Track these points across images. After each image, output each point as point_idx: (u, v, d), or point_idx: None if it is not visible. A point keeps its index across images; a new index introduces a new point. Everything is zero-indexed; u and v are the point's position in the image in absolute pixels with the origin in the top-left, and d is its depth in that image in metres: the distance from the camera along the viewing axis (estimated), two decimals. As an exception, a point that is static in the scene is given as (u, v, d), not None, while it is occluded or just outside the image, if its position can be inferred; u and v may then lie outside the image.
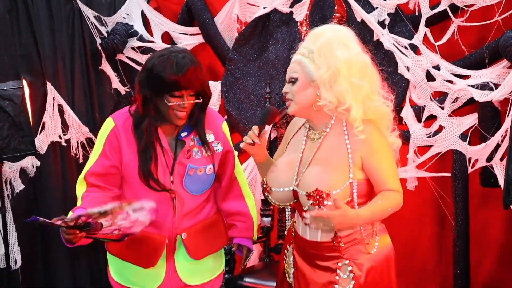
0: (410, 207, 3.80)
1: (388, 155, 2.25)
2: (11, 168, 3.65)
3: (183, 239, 2.53)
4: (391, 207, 2.20)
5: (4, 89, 3.28)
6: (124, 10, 4.28)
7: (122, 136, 2.44)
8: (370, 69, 2.25)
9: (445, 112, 3.50)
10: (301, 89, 2.25)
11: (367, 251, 2.25)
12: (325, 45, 2.20)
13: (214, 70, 4.42)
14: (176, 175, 2.47)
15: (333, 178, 2.18)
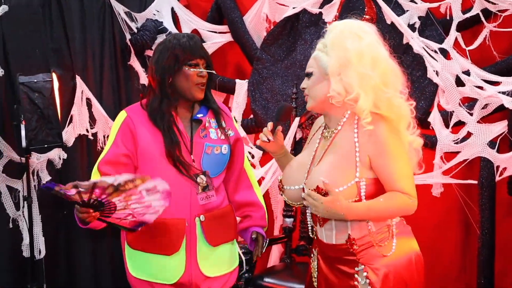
0: (435, 213, 3.79)
1: (399, 154, 2.15)
2: (38, 159, 3.70)
3: (202, 221, 2.56)
4: (394, 208, 2.14)
5: (34, 81, 3.33)
6: (155, 7, 4.30)
7: (135, 124, 2.51)
8: (384, 62, 2.17)
9: (474, 119, 3.45)
10: (316, 83, 2.24)
11: (382, 254, 2.16)
12: (336, 36, 2.19)
13: (242, 69, 4.43)
14: (195, 155, 2.54)
15: (336, 176, 2.13)
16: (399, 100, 2.18)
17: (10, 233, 3.71)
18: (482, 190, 3.46)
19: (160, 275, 2.56)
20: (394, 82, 2.19)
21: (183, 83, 2.51)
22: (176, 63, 2.50)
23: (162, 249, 2.54)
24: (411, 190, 2.15)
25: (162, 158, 2.49)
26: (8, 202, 3.67)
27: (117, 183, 2.07)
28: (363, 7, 3.86)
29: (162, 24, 4.26)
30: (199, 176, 2.53)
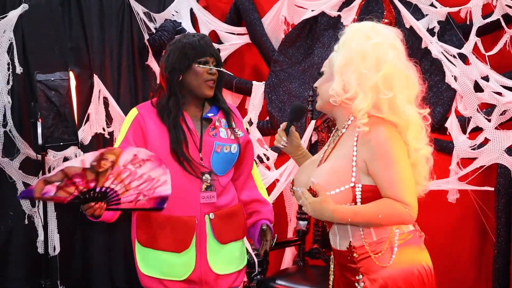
0: (450, 220, 3.75)
1: (397, 160, 2.03)
2: (55, 157, 3.74)
3: (211, 219, 2.57)
4: (384, 216, 2.02)
5: (51, 79, 3.36)
6: (174, 7, 4.32)
7: (146, 121, 2.54)
8: (390, 64, 2.07)
9: (492, 125, 3.41)
10: (324, 82, 2.20)
11: (380, 264, 2.06)
12: (347, 36, 2.14)
13: (259, 71, 4.43)
14: (204, 153, 2.55)
15: (332, 179, 2.07)
16: (407, 106, 2.09)
17: (25, 230, 3.74)
18: (499, 197, 3.42)
19: (170, 272, 2.58)
20: (401, 86, 2.08)
21: (192, 81, 2.55)
22: (186, 61, 2.53)
23: (172, 247, 2.55)
24: (407, 198, 2.03)
25: (169, 155, 2.51)
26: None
27: (89, 165, 1.98)
28: (382, 11, 3.85)
29: (180, 24, 4.28)
30: (205, 174, 2.55)
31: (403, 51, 2.15)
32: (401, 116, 2.07)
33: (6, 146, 3.63)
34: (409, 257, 2.10)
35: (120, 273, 4.10)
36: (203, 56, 2.54)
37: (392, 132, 2.07)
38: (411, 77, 2.13)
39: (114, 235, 4.07)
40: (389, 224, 2.08)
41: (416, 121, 2.11)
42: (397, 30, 2.19)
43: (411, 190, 2.05)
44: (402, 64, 2.11)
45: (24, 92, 3.72)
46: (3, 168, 3.63)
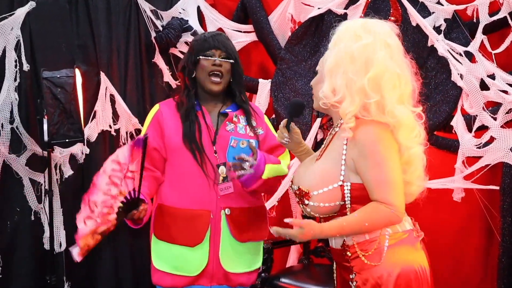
0: (456, 219, 3.74)
1: (384, 160, 2.01)
2: (61, 153, 3.75)
3: (227, 215, 2.61)
4: (370, 222, 2.01)
5: (57, 76, 3.38)
6: (181, 5, 4.32)
7: (164, 116, 2.66)
8: (380, 65, 2.03)
9: (498, 123, 3.40)
10: (317, 82, 2.20)
11: (370, 263, 2.05)
12: (337, 36, 2.11)
13: (266, 69, 4.43)
14: (219, 146, 2.62)
15: (319, 178, 2.07)
16: (397, 107, 2.04)
17: (32, 226, 3.77)
18: (504, 196, 3.41)
19: (182, 267, 2.62)
20: (391, 86, 2.04)
21: (200, 75, 2.67)
22: (192, 56, 2.66)
23: (186, 240, 2.60)
24: (393, 198, 2.00)
25: (182, 145, 2.60)
26: (31, 194, 3.73)
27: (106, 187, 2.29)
28: (388, 8, 3.84)
29: (187, 22, 4.28)
30: (220, 166, 2.60)
31: (398, 46, 2.11)
32: (388, 117, 2.04)
33: (13, 143, 3.65)
34: (403, 257, 2.07)
35: (126, 269, 4.11)
36: (208, 49, 2.64)
37: (381, 131, 2.04)
38: (404, 76, 2.08)
39: (120, 232, 4.08)
40: (378, 228, 2.06)
41: (408, 120, 2.07)
42: (392, 24, 2.15)
43: (398, 191, 2.03)
44: (394, 63, 2.07)
45: (31, 89, 3.73)
46: (10, 165, 3.65)
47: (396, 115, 2.03)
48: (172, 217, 2.61)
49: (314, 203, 2.07)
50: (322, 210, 2.09)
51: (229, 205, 2.63)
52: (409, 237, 2.12)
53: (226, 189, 2.62)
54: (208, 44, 2.65)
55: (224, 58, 2.65)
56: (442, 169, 3.52)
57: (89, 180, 3.88)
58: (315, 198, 2.07)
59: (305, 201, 2.09)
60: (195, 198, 2.59)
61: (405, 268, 2.05)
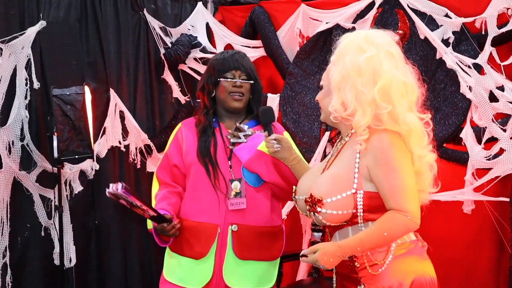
0: (467, 231, 3.71)
1: (399, 167, 2.03)
2: (71, 170, 3.78)
3: (233, 231, 2.61)
4: (389, 232, 2.02)
5: (67, 94, 3.42)
6: (189, 22, 4.37)
7: (184, 134, 2.72)
8: (387, 75, 2.06)
9: (507, 135, 3.39)
10: (324, 95, 2.22)
11: (373, 271, 2.05)
12: (340, 50, 2.13)
13: (275, 84, 4.45)
14: (234, 162, 2.64)
15: (332, 186, 2.07)
16: (408, 115, 2.08)
17: (42, 241, 3.79)
18: (514, 208, 3.38)
19: (187, 280, 2.63)
20: (400, 95, 2.07)
21: (221, 95, 2.70)
22: (213, 77, 2.70)
23: (192, 252, 2.62)
24: (408, 205, 2.02)
25: (198, 161, 2.64)
26: (41, 210, 3.75)
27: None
28: (396, 22, 3.85)
29: (196, 39, 4.32)
30: (234, 181, 2.62)
31: (400, 55, 2.14)
32: (401, 125, 2.06)
33: (24, 160, 3.68)
34: (413, 267, 2.08)
35: (137, 284, 4.12)
36: (228, 71, 2.68)
37: (395, 139, 2.06)
38: (410, 83, 2.11)
39: (130, 246, 4.10)
40: (397, 237, 2.06)
41: (418, 128, 2.10)
42: (391, 33, 2.17)
43: (413, 197, 2.04)
44: (399, 72, 2.09)
45: (42, 106, 3.77)
46: (21, 181, 3.68)
47: (408, 123, 2.06)
48: (184, 229, 2.63)
49: (327, 210, 2.06)
50: (334, 218, 2.08)
51: (238, 221, 2.62)
52: (416, 247, 2.13)
53: (238, 204, 2.62)
54: (229, 65, 2.68)
55: (244, 79, 2.69)
56: (452, 182, 3.51)
57: (99, 196, 3.97)
58: (328, 205, 2.06)
59: (318, 209, 2.08)
60: (204, 211, 2.61)
61: (417, 278, 2.06)
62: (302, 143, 4.02)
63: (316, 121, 4.04)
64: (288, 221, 4.04)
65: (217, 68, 2.69)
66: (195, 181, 2.65)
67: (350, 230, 2.11)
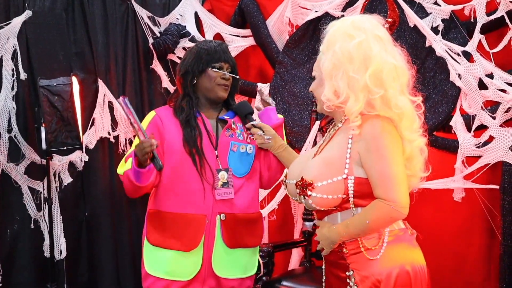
0: (457, 219, 3.72)
1: (390, 156, 2.03)
2: (60, 161, 3.76)
3: (222, 220, 2.61)
4: (371, 220, 2.04)
5: (54, 85, 3.40)
6: (178, 11, 4.34)
7: (163, 121, 2.66)
8: (378, 59, 2.05)
9: (497, 122, 3.39)
10: (318, 86, 2.22)
11: (368, 257, 2.07)
12: (329, 38, 2.13)
13: (264, 73, 4.43)
14: (220, 151, 2.64)
15: (322, 170, 2.08)
16: (399, 98, 2.08)
17: (32, 234, 3.77)
18: (504, 195, 3.39)
19: (176, 272, 2.61)
20: (391, 78, 2.07)
21: (206, 84, 2.67)
22: (201, 65, 2.66)
23: (181, 245, 2.59)
24: (393, 195, 2.03)
25: (183, 150, 2.60)
26: (30, 203, 3.74)
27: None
28: (385, 10, 3.83)
29: (185, 28, 4.29)
30: (221, 171, 2.62)
31: (388, 38, 2.13)
32: (393, 109, 2.07)
33: (12, 152, 3.66)
34: (402, 255, 2.10)
35: (127, 276, 4.11)
36: (218, 61, 2.67)
37: (387, 125, 2.07)
38: (400, 66, 2.11)
39: (120, 237, 4.09)
40: (382, 226, 2.09)
41: (409, 111, 2.11)
42: (377, 17, 2.17)
43: (400, 186, 2.05)
44: (389, 55, 2.09)
45: (29, 97, 3.75)
46: (9, 173, 3.66)
47: (400, 106, 2.07)
48: (167, 222, 2.61)
49: (318, 194, 2.08)
50: (324, 202, 2.10)
51: (225, 210, 2.63)
52: (405, 235, 2.15)
53: (226, 194, 2.62)
54: (219, 57, 2.67)
55: (231, 72, 2.70)
56: (442, 170, 3.51)
57: (89, 187, 3.95)
58: (319, 189, 2.08)
59: (308, 192, 2.09)
60: (191, 203, 2.59)
61: (405, 266, 2.07)
62: (292, 132, 4.02)
63: (306, 110, 4.03)
64: (279, 211, 4.04)
65: (206, 57, 2.66)
66: (179, 172, 2.61)
67: (339, 215, 2.13)
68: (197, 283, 2.63)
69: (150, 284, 2.66)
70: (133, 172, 2.47)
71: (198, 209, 2.60)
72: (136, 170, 2.44)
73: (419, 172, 2.19)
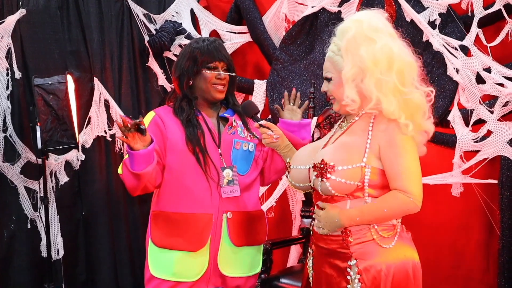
0: (456, 213, 3.72)
1: (409, 152, 2.14)
2: (56, 160, 3.75)
3: (228, 218, 2.61)
4: (389, 209, 2.12)
5: (49, 83, 3.39)
6: (174, 8, 4.33)
7: (164, 121, 2.65)
8: (399, 59, 2.15)
9: (494, 117, 3.37)
10: (338, 86, 2.24)
11: (380, 244, 2.14)
12: (350, 43, 2.17)
13: (261, 69, 4.42)
14: (223, 149, 2.64)
15: (343, 156, 2.15)
16: (414, 93, 2.16)
17: (28, 233, 3.76)
18: (503, 190, 3.38)
19: (183, 273, 2.59)
20: (410, 75, 2.17)
21: (201, 85, 2.66)
22: (195, 66, 2.64)
23: (188, 245, 2.57)
24: (412, 188, 2.11)
25: (186, 150, 2.59)
26: (26, 203, 3.73)
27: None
28: (382, 5, 3.81)
29: (181, 25, 4.28)
30: (225, 169, 2.61)
31: (396, 33, 2.23)
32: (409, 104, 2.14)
33: (7, 151, 3.65)
34: (404, 251, 2.17)
35: (125, 275, 4.11)
36: (212, 61, 2.64)
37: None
38: (411, 60, 2.20)
39: (117, 236, 4.07)
40: (396, 216, 2.18)
41: (422, 102, 2.18)
42: (381, 11, 2.26)
43: (417, 181, 2.14)
44: (404, 52, 2.18)
45: (24, 96, 3.73)
46: (4, 173, 3.64)
47: (418, 99, 2.16)
48: (173, 223, 2.59)
49: (337, 178, 2.13)
50: (341, 186, 2.14)
51: (231, 208, 2.63)
52: (403, 232, 2.22)
53: (231, 192, 2.62)
54: (214, 56, 2.65)
55: (225, 70, 2.68)
56: (440, 165, 3.51)
57: (85, 186, 3.94)
58: (339, 172, 2.13)
59: (328, 175, 2.13)
60: (197, 202, 2.58)
61: (408, 262, 2.16)
62: (289, 129, 4.00)
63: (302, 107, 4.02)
64: (277, 208, 4.03)
65: (201, 58, 2.64)
66: (183, 171, 2.59)
67: (349, 203, 2.18)
68: (203, 283, 2.62)
69: (155, 286, 2.63)
70: (129, 159, 2.43)
71: (204, 208, 2.58)
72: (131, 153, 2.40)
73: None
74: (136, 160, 2.40)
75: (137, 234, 4.11)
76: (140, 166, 2.42)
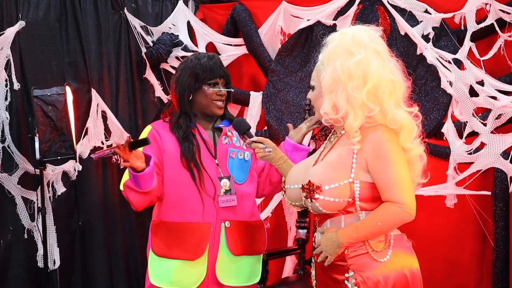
0: (450, 225, 3.75)
1: (396, 161, 2.10)
2: (53, 171, 3.75)
3: (226, 227, 2.63)
4: (383, 222, 2.10)
5: (48, 94, 3.41)
6: (171, 21, 4.36)
7: (161, 135, 2.67)
8: (376, 75, 2.11)
9: (488, 129, 3.42)
10: (318, 96, 2.26)
11: (375, 258, 2.12)
12: (330, 53, 2.17)
13: (257, 81, 4.45)
14: (219, 159, 2.66)
15: (330, 174, 2.13)
16: (396, 112, 2.13)
17: (25, 244, 3.76)
18: (496, 201, 3.42)
19: (181, 282, 2.62)
20: (388, 94, 2.13)
21: (202, 101, 2.69)
22: (196, 82, 2.66)
23: (187, 254, 2.60)
24: (403, 198, 2.09)
25: (181, 166, 2.62)
26: (23, 213, 3.73)
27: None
28: (377, 19, 3.86)
29: (177, 37, 4.31)
30: (223, 179, 2.64)
31: (386, 51, 2.18)
32: (390, 121, 2.12)
33: (5, 162, 3.65)
34: (402, 260, 2.16)
35: (121, 285, 4.10)
36: (213, 78, 2.67)
37: (389, 133, 2.13)
38: (397, 80, 2.16)
39: (114, 247, 4.08)
40: (391, 228, 2.15)
41: (407, 123, 2.15)
42: (375, 28, 2.22)
43: (408, 189, 2.11)
44: (386, 70, 2.14)
45: (23, 107, 3.74)
46: (2, 183, 3.64)
47: (397, 120, 2.13)
48: (172, 232, 2.62)
49: (325, 197, 2.13)
50: (331, 205, 2.14)
51: (229, 218, 2.65)
52: (404, 242, 2.22)
53: (229, 202, 2.64)
54: (215, 74, 2.68)
55: (224, 85, 2.72)
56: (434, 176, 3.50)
57: (82, 196, 3.95)
58: (326, 192, 2.13)
59: (315, 195, 2.14)
60: (195, 212, 2.61)
61: (406, 270, 2.14)
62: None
63: (299, 118, 4.05)
64: (273, 218, 4.05)
65: (203, 75, 2.66)
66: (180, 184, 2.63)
67: (343, 218, 2.18)
68: None
69: None
70: (132, 179, 2.46)
71: (202, 218, 2.61)
72: (134, 175, 2.43)
73: (417, 178, 2.25)
74: (141, 180, 2.44)
75: (133, 244, 4.12)
76: (147, 184, 2.47)
